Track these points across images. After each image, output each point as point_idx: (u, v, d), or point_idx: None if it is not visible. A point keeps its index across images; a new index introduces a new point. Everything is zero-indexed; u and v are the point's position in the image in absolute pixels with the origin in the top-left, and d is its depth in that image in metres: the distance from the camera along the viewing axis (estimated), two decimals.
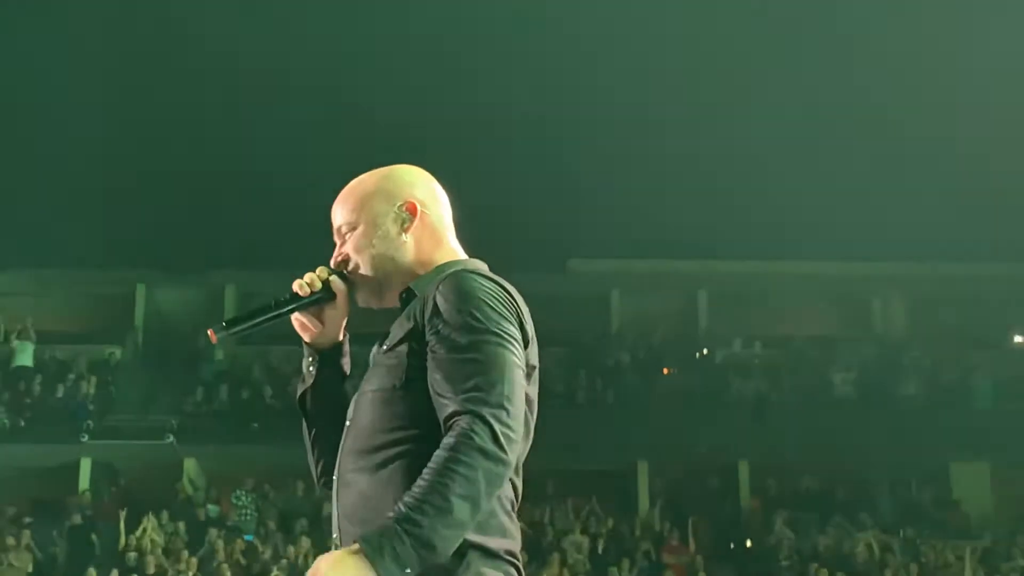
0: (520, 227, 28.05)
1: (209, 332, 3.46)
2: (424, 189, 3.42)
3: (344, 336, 3.53)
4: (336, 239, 3.43)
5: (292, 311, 3.45)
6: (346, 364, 3.55)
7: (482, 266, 3.34)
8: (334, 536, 3.22)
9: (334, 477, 3.26)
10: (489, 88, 30.40)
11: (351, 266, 3.39)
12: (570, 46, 30.87)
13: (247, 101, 30.23)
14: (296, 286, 3.42)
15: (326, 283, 3.40)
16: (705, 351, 30.86)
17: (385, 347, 3.26)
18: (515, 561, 3.13)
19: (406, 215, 3.36)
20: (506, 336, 3.08)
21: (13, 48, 30.47)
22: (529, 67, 30.29)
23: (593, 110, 30.59)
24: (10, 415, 27.32)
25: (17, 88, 30.58)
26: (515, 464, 3.15)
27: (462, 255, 3.42)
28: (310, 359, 3.56)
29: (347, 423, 3.29)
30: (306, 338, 3.53)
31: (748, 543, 26.29)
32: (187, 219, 30.36)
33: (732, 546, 26.28)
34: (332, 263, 3.42)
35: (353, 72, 30.27)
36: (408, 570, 2.84)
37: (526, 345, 3.18)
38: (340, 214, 3.41)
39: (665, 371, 29.88)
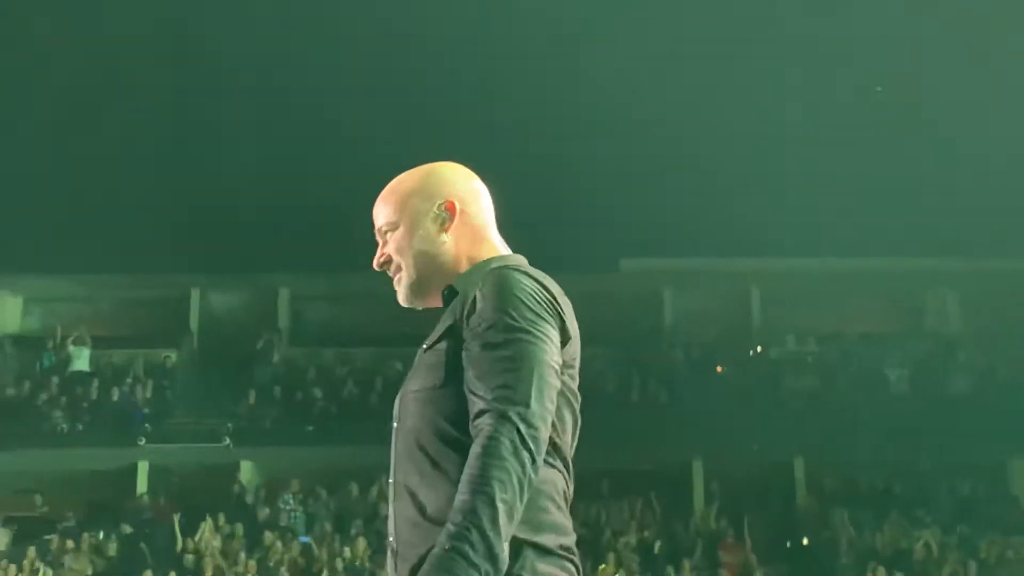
0: (572, 226, 28.04)
1: None
2: (464, 186, 3.43)
3: None
4: (378, 239, 3.45)
5: None
6: None
7: (522, 261, 3.34)
8: (390, 539, 3.23)
9: (390, 480, 3.27)
10: (541, 87, 30.40)
11: (393, 267, 3.41)
12: (621, 46, 30.81)
13: (298, 103, 30.35)
14: None
15: None
16: (759, 348, 30.75)
17: (426, 346, 3.27)
18: (571, 556, 3.13)
19: (446, 214, 3.37)
20: (540, 334, 3.08)
21: (62, 54, 30.72)
22: (581, 67, 30.26)
23: (645, 108, 30.51)
24: (68, 420, 27.57)
25: (67, 94, 30.82)
26: (564, 459, 3.18)
27: (504, 250, 3.42)
28: None
29: (395, 425, 3.29)
30: None
31: (804, 541, 26.17)
32: (240, 222, 30.51)
33: (788, 544, 26.16)
34: (375, 264, 3.45)
35: (401, 71, 30.35)
36: None
37: (566, 342, 3.18)
38: (381, 214, 3.43)
39: (719, 369, 29.79)
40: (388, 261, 3.42)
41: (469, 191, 3.43)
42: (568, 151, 29.66)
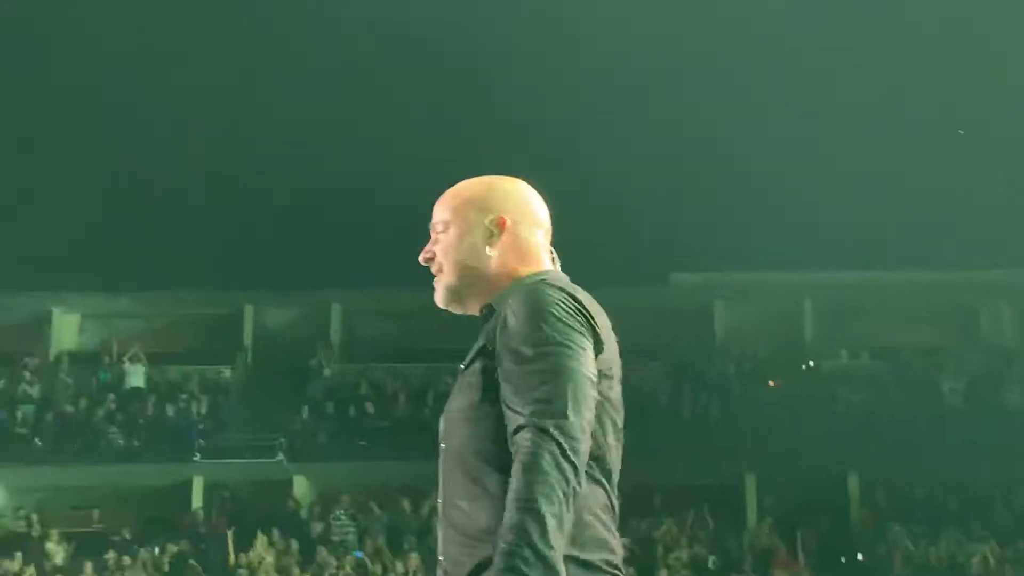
0: (623, 241, 28.05)
1: None
2: (520, 205, 3.43)
3: None
4: (431, 233, 3.46)
5: None
6: None
7: (561, 277, 3.33)
8: (440, 557, 3.22)
9: (439, 500, 3.27)
10: (594, 106, 30.44)
11: (435, 265, 3.43)
12: (673, 62, 30.81)
13: (350, 123, 30.49)
14: None
15: None
16: (811, 363, 30.58)
17: (463, 365, 3.28)
18: (616, 572, 3.12)
19: (495, 229, 3.37)
20: (572, 345, 3.07)
21: (122, 78, 31.02)
22: (635, 85, 30.28)
23: (698, 124, 30.49)
24: (124, 436, 27.78)
25: (125, 116, 31.11)
26: (607, 471, 3.18)
27: (546, 270, 3.40)
28: None
29: (442, 445, 3.30)
30: None
31: (859, 556, 26.00)
32: (293, 239, 30.70)
33: (843, 560, 26.00)
34: (420, 257, 3.46)
35: (453, 88, 30.44)
36: None
37: (599, 352, 3.17)
38: (437, 212, 3.45)
39: (771, 383, 29.66)
40: (433, 258, 3.43)
41: (525, 211, 3.43)
42: (620, 166, 29.68)
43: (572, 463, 2.95)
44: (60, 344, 31.21)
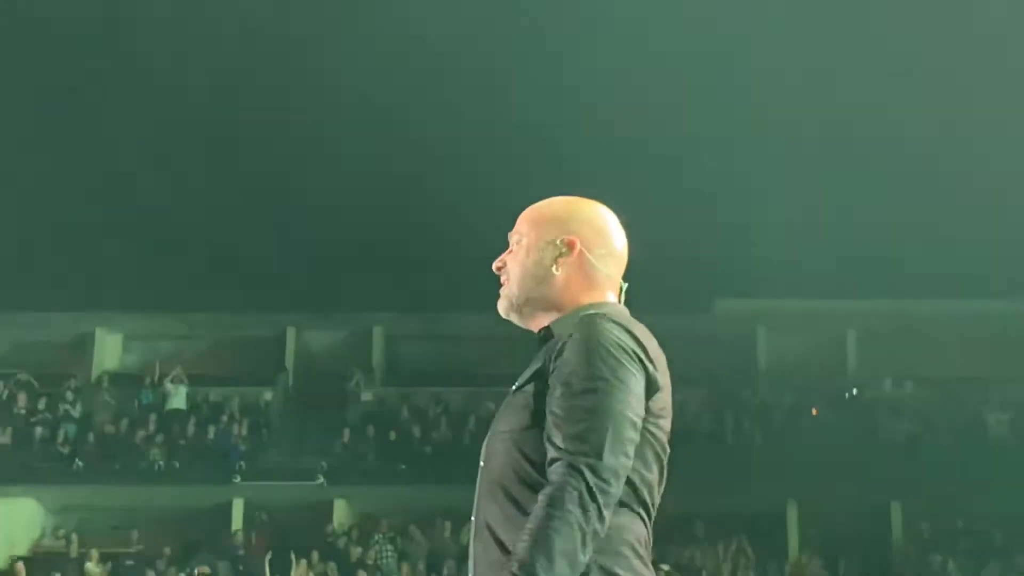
0: (666, 268, 27.94)
1: None
2: (596, 231, 3.42)
3: None
4: (510, 242, 3.47)
5: None
6: None
7: (622, 312, 3.32)
8: None
9: (472, 518, 3.28)
10: (634, 130, 30.39)
11: (504, 275, 3.44)
12: (716, 84, 30.78)
13: (396, 146, 30.57)
14: None
15: None
16: (855, 391, 30.40)
17: (515, 387, 3.28)
18: None
19: (564, 249, 3.37)
20: (621, 385, 3.07)
21: (161, 95, 31.21)
22: (675, 107, 30.25)
23: (739, 148, 30.44)
24: (165, 457, 27.85)
25: (167, 135, 31.29)
26: (647, 508, 3.18)
27: (610, 303, 3.39)
28: None
29: (481, 464, 3.30)
30: None
31: None
32: (335, 261, 30.76)
33: None
34: (493, 265, 3.47)
35: (499, 115, 30.47)
36: None
37: (654, 392, 3.17)
38: (519, 223, 3.46)
39: (814, 411, 29.49)
40: (504, 267, 3.44)
41: (601, 237, 3.42)
42: (663, 191, 29.61)
43: (597, 505, 2.96)
44: (102, 364, 31.35)
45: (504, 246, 3.48)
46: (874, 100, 30.68)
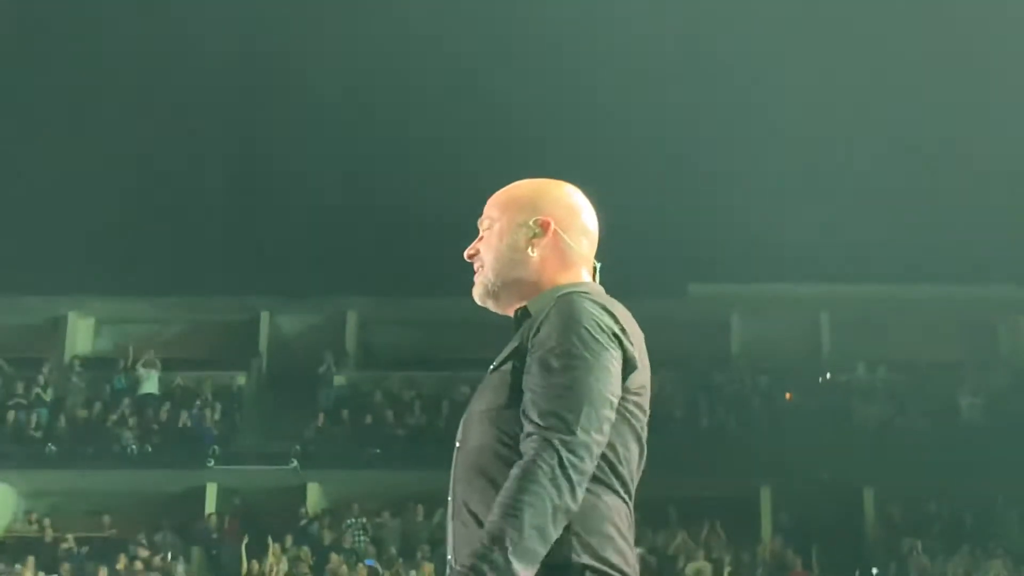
0: (640, 252, 27.96)
1: None
2: (568, 210, 3.42)
3: None
4: (479, 229, 3.46)
5: None
6: None
7: (597, 290, 3.32)
8: (449, 557, 3.24)
9: (448, 498, 3.28)
10: (608, 114, 30.40)
11: (477, 261, 3.43)
12: (690, 70, 30.78)
13: (369, 130, 30.50)
14: None
15: None
16: (828, 375, 30.50)
17: (493, 366, 3.28)
18: None
19: (538, 230, 3.37)
20: (598, 363, 3.08)
21: (136, 81, 31.08)
22: (649, 93, 30.24)
23: (712, 132, 30.45)
24: (138, 441, 27.78)
25: (141, 120, 31.16)
26: (628, 488, 3.19)
27: (587, 282, 3.40)
28: None
29: (457, 444, 3.30)
30: None
31: (874, 571, 25.89)
32: (309, 246, 30.71)
33: (857, 573, 25.90)
34: (465, 253, 3.46)
35: (474, 99, 30.43)
36: None
37: (631, 371, 3.17)
38: (487, 208, 3.46)
39: (787, 396, 29.57)
40: (477, 255, 3.44)
41: (573, 217, 3.42)
42: (636, 176, 29.63)
43: (569, 479, 2.96)
44: (75, 348, 31.23)
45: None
46: (847, 82, 30.72)
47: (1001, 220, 29.17)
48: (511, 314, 3.38)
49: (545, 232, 3.37)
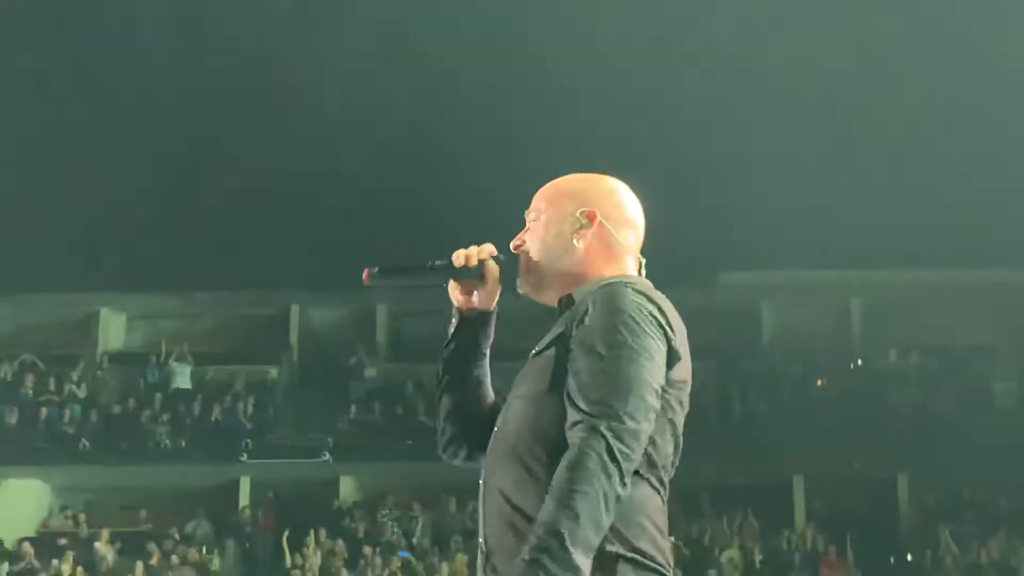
0: (670, 241, 27.86)
1: (364, 273, 3.64)
2: (615, 204, 3.44)
3: (493, 310, 3.57)
4: (526, 220, 3.48)
5: (440, 279, 3.54)
6: (486, 337, 3.61)
7: (645, 284, 3.32)
8: (480, 539, 3.25)
9: (480, 481, 3.30)
10: (636, 103, 30.35)
11: (523, 253, 3.44)
12: (716, 57, 30.72)
13: (397, 122, 30.52)
14: (455, 256, 3.49)
15: (480, 264, 3.46)
16: (860, 362, 30.39)
17: (536, 351, 3.30)
18: (663, 570, 3.14)
19: (584, 221, 3.38)
20: (644, 352, 3.09)
21: (165, 76, 31.17)
22: (677, 80, 30.18)
23: (742, 121, 30.36)
24: (171, 436, 27.89)
25: (169, 115, 31.26)
26: (662, 479, 3.20)
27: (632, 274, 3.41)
28: (453, 320, 3.63)
29: (496, 428, 3.32)
30: (456, 303, 3.59)
31: (908, 558, 25.82)
32: (339, 239, 30.74)
33: (892, 560, 25.83)
34: (512, 244, 3.48)
35: (498, 92, 30.42)
36: None
37: (674, 362, 3.18)
38: (535, 200, 3.47)
39: (819, 383, 29.50)
40: (523, 245, 3.45)
41: (619, 211, 3.43)
42: (664, 165, 29.57)
43: (619, 466, 2.98)
44: (107, 344, 31.38)
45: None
46: (873, 70, 30.59)
47: None
48: (555, 304, 3.39)
49: (591, 223, 3.38)
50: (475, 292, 3.53)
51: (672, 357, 3.17)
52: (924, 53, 29.97)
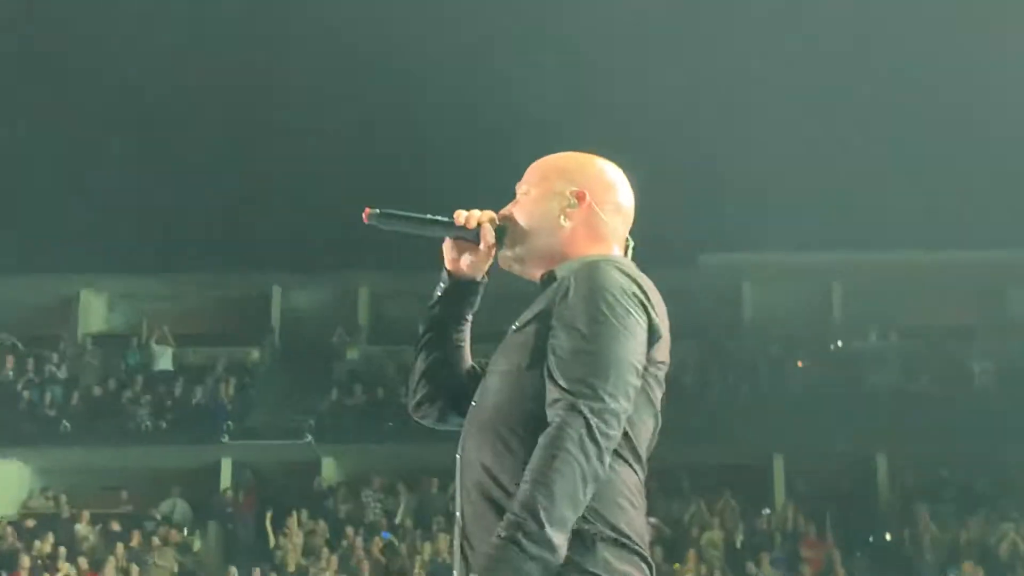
0: (650, 222, 27.89)
1: (365, 211, 3.57)
2: (606, 186, 3.45)
3: (482, 280, 3.58)
4: (517, 192, 3.48)
5: (439, 232, 3.53)
6: (470, 306, 3.62)
7: (627, 263, 3.33)
8: (457, 513, 3.26)
9: (457, 455, 3.30)
10: (617, 83, 30.35)
11: (508, 225, 3.44)
12: (697, 39, 30.71)
13: (381, 103, 30.47)
14: (456, 214, 3.49)
15: (479, 227, 3.45)
16: (840, 343, 30.49)
17: (516, 326, 3.30)
18: (641, 550, 3.15)
19: (573, 201, 3.39)
20: (625, 330, 3.09)
21: (152, 63, 31.07)
22: (657, 62, 30.17)
23: (723, 101, 30.39)
24: (152, 417, 27.87)
25: (151, 99, 31.17)
26: (641, 459, 3.21)
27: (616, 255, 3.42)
28: (441, 283, 3.64)
29: (474, 403, 3.33)
30: (447, 264, 3.59)
31: (887, 537, 25.95)
32: (321, 220, 30.69)
33: (871, 540, 25.96)
34: (498, 215, 3.48)
35: (483, 75, 30.39)
36: None
37: (655, 341, 3.19)
38: (527, 174, 3.48)
39: (799, 364, 29.58)
40: (507, 218, 3.45)
41: (609, 193, 3.45)
42: (644, 145, 29.58)
43: (598, 445, 2.97)
44: (87, 326, 31.32)
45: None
46: (854, 50, 30.61)
47: (1011, 185, 29.08)
48: (536, 279, 3.39)
49: (580, 203, 3.39)
50: (466, 255, 3.52)
51: (653, 334, 3.18)
52: (905, 37, 30.02)
